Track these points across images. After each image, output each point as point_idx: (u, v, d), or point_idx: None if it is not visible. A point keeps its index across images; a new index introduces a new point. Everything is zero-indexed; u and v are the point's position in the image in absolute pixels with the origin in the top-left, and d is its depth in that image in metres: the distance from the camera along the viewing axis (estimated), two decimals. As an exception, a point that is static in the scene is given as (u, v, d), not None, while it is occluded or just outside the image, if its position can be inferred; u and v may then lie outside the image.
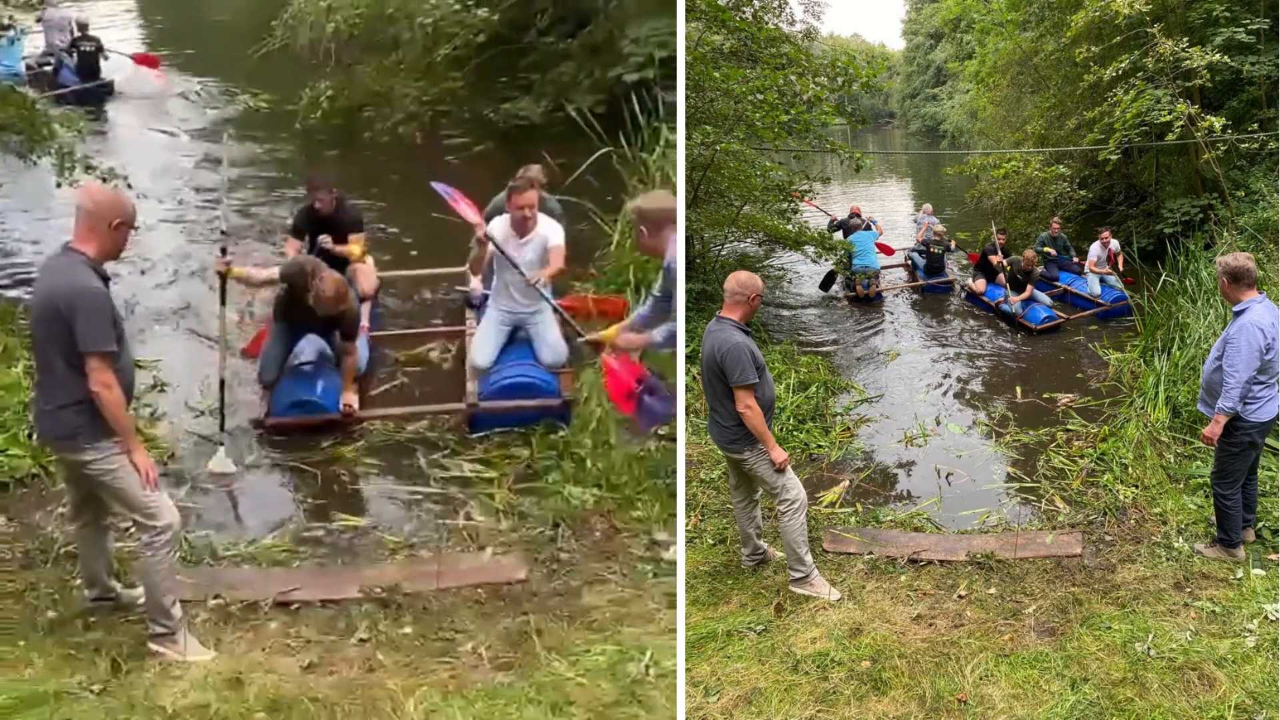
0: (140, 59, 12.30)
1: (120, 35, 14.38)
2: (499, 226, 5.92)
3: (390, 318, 7.18)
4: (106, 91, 12.15)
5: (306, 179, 6.72)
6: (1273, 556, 4.93)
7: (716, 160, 9.55)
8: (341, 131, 10.10)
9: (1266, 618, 4.34)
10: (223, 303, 5.71)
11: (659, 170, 7.97)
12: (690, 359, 6.38)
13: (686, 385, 6.50)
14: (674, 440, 5.46)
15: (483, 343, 6.05)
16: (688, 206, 9.25)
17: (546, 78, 10.17)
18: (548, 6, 10.71)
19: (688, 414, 6.58)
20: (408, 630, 4.23)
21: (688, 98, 8.91)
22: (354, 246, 6.61)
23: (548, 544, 4.85)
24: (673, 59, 8.96)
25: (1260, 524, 5.14)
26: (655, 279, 4.99)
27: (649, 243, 4.74)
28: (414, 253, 7.96)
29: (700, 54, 9.20)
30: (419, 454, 5.60)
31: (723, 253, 11.08)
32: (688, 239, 9.50)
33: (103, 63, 12.19)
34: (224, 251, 5.71)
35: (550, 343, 6.00)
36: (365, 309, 6.53)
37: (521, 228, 5.89)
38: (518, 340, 6.14)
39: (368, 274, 6.80)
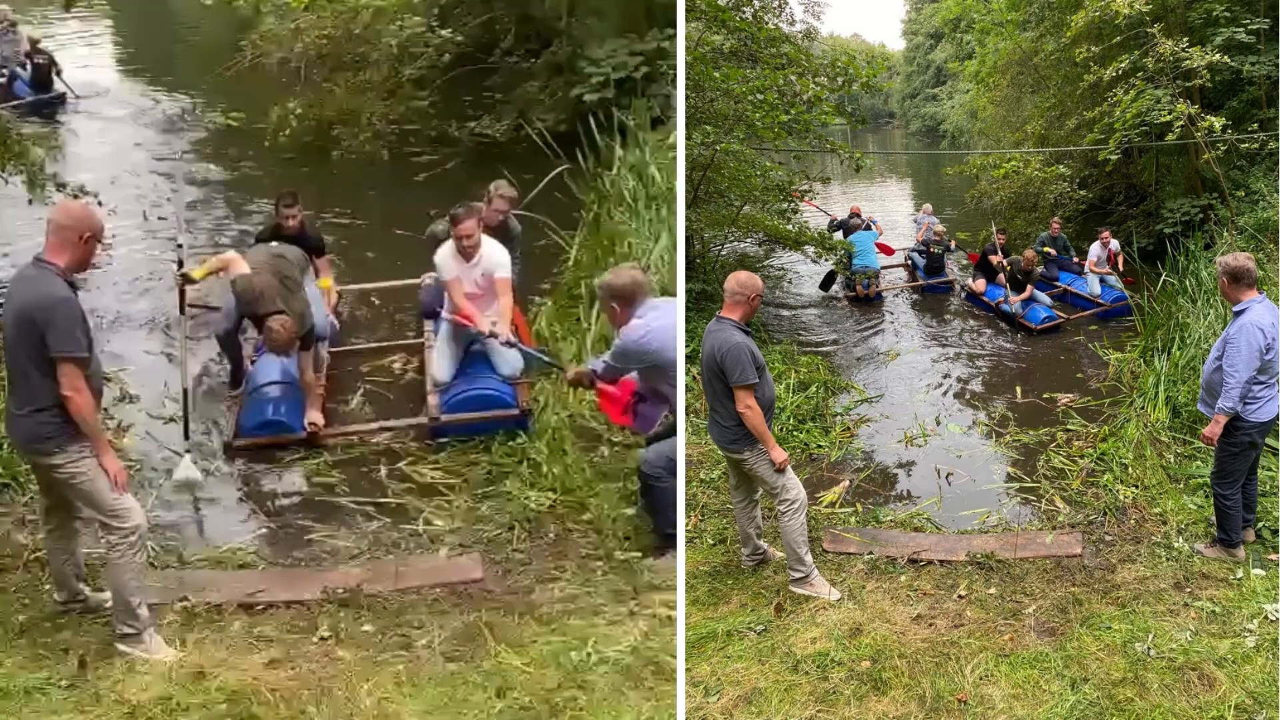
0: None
1: (91, 54, 14.56)
2: (447, 252, 6.02)
3: (352, 330, 7.25)
4: (59, 103, 12.41)
5: (276, 198, 6.76)
6: (1273, 556, 4.93)
7: (716, 160, 9.56)
8: (310, 149, 10.20)
9: (1266, 618, 4.34)
10: (182, 312, 5.76)
11: (614, 188, 8.19)
12: (690, 359, 6.38)
13: (686, 385, 6.50)
14: (629, 446, 5.65)
15: (441, 358, 6.16)
16: (688, 206, 9.26)
17: (510, 97, 10.44)
18: (511, 27, 10.99)
19: (688, 414, 6.58)
20: (367, 628, 4.33)
21: (688, 98, 8.93)
22: (326, 280, 6.79)
23: (503, 545, 5.00)
24: (630, 79, 9.32)
25: (1260, 524, 5.14)
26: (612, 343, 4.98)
27: (621, 318, 4.75)
28: (379, 267, 8.00)
29: (700, 54, 9.20)
30: (382, 463, 5.72)
31: (723, 253, 11.08)
32: (688, 239, 9.51)
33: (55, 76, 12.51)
34: (180, 264, 5.73)
35: (507, 355, 6.11)
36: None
37: (466, 254, 6.01)
38: (474, 353, 6.24)
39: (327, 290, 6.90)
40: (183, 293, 5.75)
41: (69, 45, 14.20)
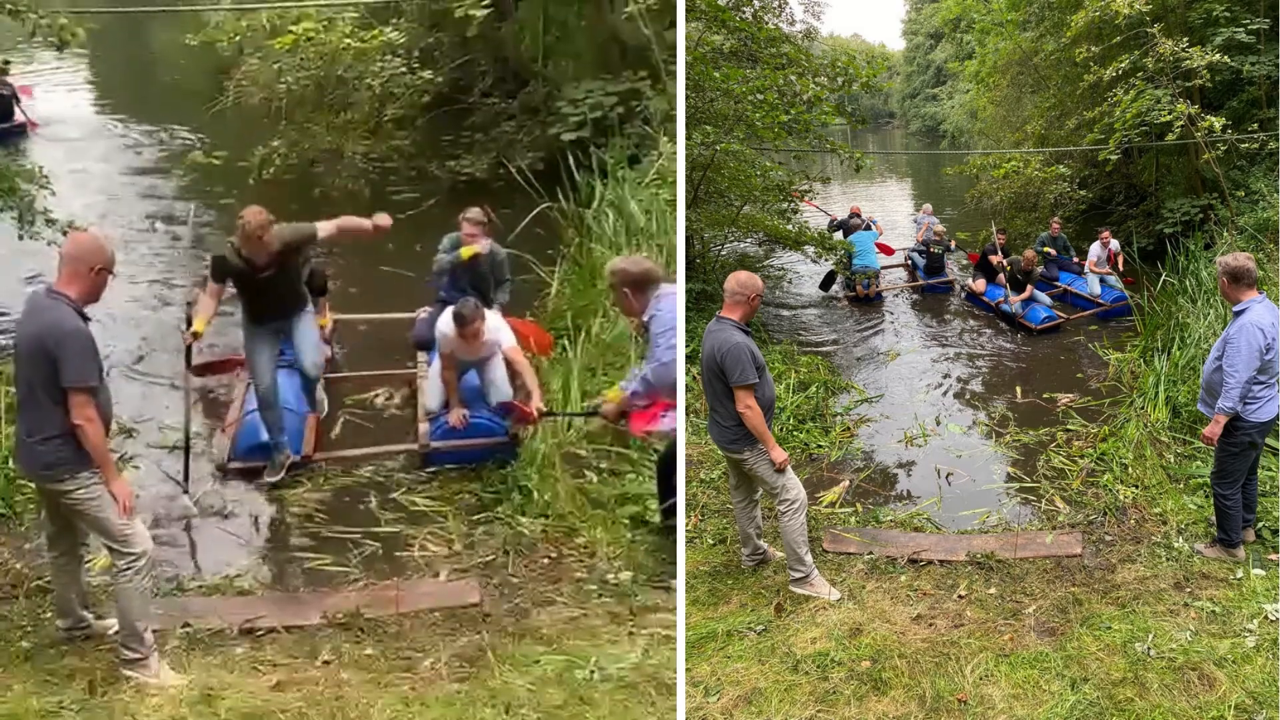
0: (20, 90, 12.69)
1: (71, 90, 14.67)
2: (448, 326, 5.87)
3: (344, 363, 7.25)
4: (21, 133, 12.45)
5: None
6: (1273, 556, 4.93)
7: (716, 160, 9.56)
8: (293, 186, 10.23)
9: (1266, 618, 4.34)
10: (187, 365, 5.81)
11: (596, 223, 8.31)
12: (690, 359, 6.38)
13: (686, 385, 6.51)
14: (615, 474, 5.71)
15: (434, 387, 6.19)
16: (688, 206, 9.26)
17: (489, 136, 10.67)
18: (489, 69, 11.29)
19: (688, 414, 6.58)
20: (369, 651, 4.34)
21: (688, 98, 8.94)
22: (325, 318, 6.87)
23: (499, 570, 5.03)
24: (607, 119, 9.52)
25: (1260, 524, 5.14)
26: (645, 355, 4.94)
27: (634, 306, 4.75)
28: (364, 302, 7.98)
29: (700, 54, 9.21)
30: (375, 491, 5.75)
31: (723, 253, 11.09)
32: (688, 239, 9.51)
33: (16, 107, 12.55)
34: (189, 322, 5.75)
35: (497, 384, 6.12)
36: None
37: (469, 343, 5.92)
38: (466, 383, 6.24)
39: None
40: (189, 349, 5.80)
41: (49, 76, 14.39)
